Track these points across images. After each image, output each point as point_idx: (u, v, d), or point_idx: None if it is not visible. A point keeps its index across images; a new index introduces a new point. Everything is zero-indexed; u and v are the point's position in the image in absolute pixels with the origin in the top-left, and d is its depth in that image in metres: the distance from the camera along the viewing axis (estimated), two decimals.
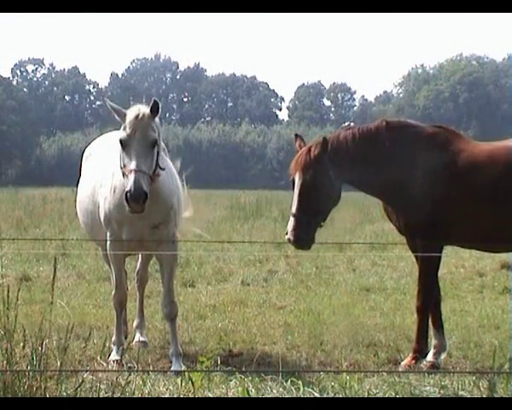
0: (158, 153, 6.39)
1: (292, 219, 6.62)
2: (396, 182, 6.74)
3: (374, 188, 6.97)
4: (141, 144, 6.23)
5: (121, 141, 6.29)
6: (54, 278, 5.31)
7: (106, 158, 7.10)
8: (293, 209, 6.64)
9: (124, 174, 6.25)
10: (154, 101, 6.34)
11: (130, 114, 6.34)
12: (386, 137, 6.78)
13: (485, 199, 6.64)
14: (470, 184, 6.65)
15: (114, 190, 6.64)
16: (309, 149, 6.69)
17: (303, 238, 6.63)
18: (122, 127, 6.35)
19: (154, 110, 6.35)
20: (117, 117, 6.44)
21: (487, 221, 6.66)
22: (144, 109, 6.37)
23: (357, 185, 7.00)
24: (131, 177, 6.07)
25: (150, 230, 6.61)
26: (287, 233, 6.64)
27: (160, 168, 6.45)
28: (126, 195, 6.04)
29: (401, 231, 6.99)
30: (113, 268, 7.05)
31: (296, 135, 7.01)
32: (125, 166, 6.24)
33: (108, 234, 6.79)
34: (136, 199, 6.02)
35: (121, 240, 6.68)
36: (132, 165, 6.13)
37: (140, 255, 7.75)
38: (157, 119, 6.45)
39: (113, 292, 7.11)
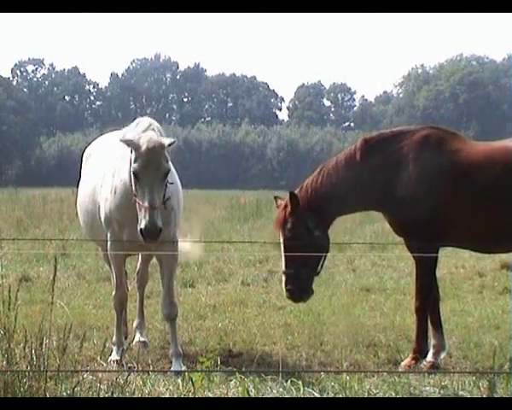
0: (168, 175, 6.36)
1: (284, 277, 6.92)
2: (391, 193, 6.72)
3: (368, 206, 7.08)
4: (154, 177, 6.19)
5: (134, 173, 6.23)
6: (54, 278, 5.31)
7: (106, 158, 7.09)
8: (283, 267, 6.92)
9: (137, 204, 6.22)
10: (172, 141, 6.28)
11: (143, 145, 6.21)
12: (368, 156, 6.78)
13: (481, 199, 6.60)
14: (466, 185, 6.62)
15: (115, 192, 6.64)
16: (285, 205, 6.87)
17: (298, 292, 6.95)
18: (134, 157, 6.23)
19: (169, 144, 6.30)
20: (129, 148, 6.32)
21: (483, 222, 6.63)
22: (156, 139, 6.26)
23: (351, 211, 7.22)
24: (146, 215, 6.07)
25: None
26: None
27: (169, 183, 6.45)
28: (141, 231, 6.09)
29: (397, 232, 6.98)
30: (113, 268, 7.06)
31: (275, 197, 7.22)
32: (137, 196, 6.23)
33: (109, 235, 6.79)
34: (151, 236, 6.09)
35: (122, 241, 6.68)
36: (146, 202, 6.12)
37: (140, 256, 7.75)
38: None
39: (113, 292, 7.11)
